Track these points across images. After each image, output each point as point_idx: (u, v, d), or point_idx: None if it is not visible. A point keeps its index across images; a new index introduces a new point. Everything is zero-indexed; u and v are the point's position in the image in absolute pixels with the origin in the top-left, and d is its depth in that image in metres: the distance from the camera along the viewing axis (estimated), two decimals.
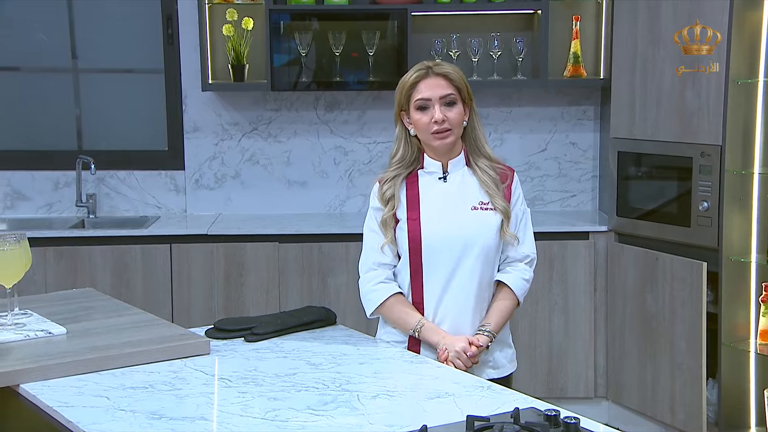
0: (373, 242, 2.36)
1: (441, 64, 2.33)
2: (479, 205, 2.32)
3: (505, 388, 2.01)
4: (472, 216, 2.31)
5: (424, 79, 2.29)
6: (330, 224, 4.07)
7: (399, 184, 2.34)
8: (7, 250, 2.23)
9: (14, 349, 2.12)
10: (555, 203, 4.44)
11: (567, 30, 4.21)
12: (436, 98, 2.28)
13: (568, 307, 3.97)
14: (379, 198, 2.36)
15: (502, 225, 2.32)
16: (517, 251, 2.38)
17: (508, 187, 2.37)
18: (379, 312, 2.36)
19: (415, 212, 2.32)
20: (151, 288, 3.87)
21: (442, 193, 2.33)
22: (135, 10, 4.33)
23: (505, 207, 2.33)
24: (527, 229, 2.41)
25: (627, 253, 3.84)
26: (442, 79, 2.29)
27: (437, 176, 2.35)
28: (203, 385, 1.99)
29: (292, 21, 4.05)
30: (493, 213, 2.32)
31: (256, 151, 4.34)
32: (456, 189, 2.34)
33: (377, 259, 2.36)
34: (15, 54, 4.35)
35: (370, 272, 2.37)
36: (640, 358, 3.80)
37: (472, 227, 2.30)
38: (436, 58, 4.10)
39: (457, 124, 2.30)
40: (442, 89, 2.28)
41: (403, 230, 2.32)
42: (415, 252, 2.30)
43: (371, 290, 2.35)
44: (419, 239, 2.29)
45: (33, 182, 4.30)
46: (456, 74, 2.29)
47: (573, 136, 4.40)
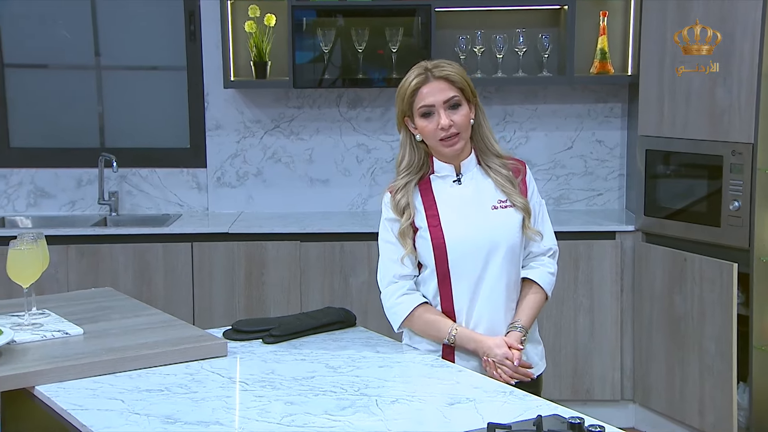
0: (391, 254, 2.29)
1: (440, 65, 2.23)
2: (498, 204, 2.27)
3: (528, 393, 1.96)
4: (494, 216, 2.25)
5: (425, 83, 2.20)
6: (352, 223, 4.03)
7: (412, 191, 2.27)
8: (24, 249, 2.21)
9: (31, 349, 2.10)
10: (581, 202, 4.37)
11: (594, 26, 4.13)
12: (440, 103, 2.20)
13: (593, 308, 3.90)
14: (393, 208, 2.27)
15: (524, 222, 2.27)
16: (539, 245, 2.33)
17: (522, 182, 2.31)
18: (408, 324, 2.29)
19: (435, 218, 2.25)
20: (173, 286, 3.86)
21: (459, 196, 2.27)
22: (157, 7, 4.31)
23: (525, 204, 2.27)
24: (546, 222, 2.36)
25: (654, 254, 3.76)
26: (443, 82, 2.20)
27: (451, 179, 2.29)
28: (219, 389, 1.96)
29: (314, 17, 4.01)
30: (513, 210, 2.27)
31: (278, 148, 4.31)
32: (472, 190, 2.28)
33: (397, 272, 2.28)
34: (40, 51, 4.35)
35: (391, 285, 2.29)
36: (668, 360, 3.72)
37: (496, 227, 2.24)
38: (461, 56, 4.05)
39: (465, 126, 2.23)
40: (444, 93, 2.20)
41: (425, 238, 2.25)
42: (440, 259, 2.24)
43: (395, 303, 2.28)
44: (443, 245, 2.23)
45: (56, 180, 4.30)
46: (457, 74, 2.21)
47: (599, 134, 4.32)
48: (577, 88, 4.25)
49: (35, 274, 2.23)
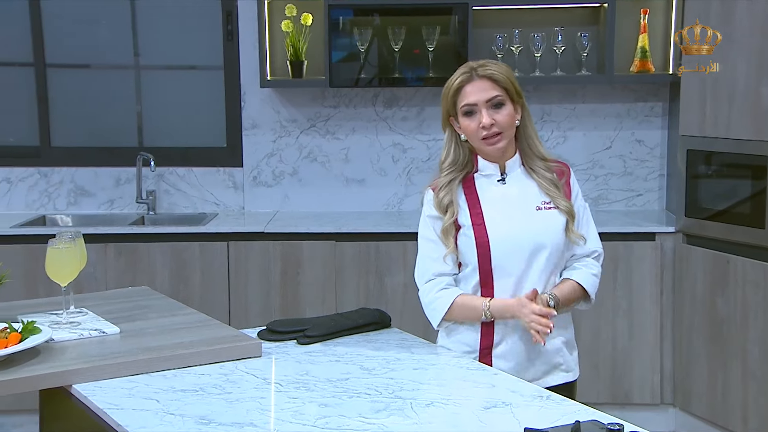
0: (431, 252, 2.27)
1: (486, 64, 2.22)
2: (542, 204, 2.24)
3: (565, 398, 1.92)
4: (539, 216, 2.23)
5: (469, 82, 2.20)
6: (387, 223, 4.01)
7: (456, 189, 2.26)
8: (62, 248, 2.22)
9: (68, 348, 2.12)
10: (620, 203, 4.30)
11: (634, 23, 4.07)
12: (483, 102, 2.19)
13: (632, 311, 3.84)
14: (436, 206, 2.26)
15: (568, 225, 2.24)
16: (583, 248, 2.30)
17: (566, 184, 2.28)
18: (449, 317, 2.25)
19: (479, 217, 2.23)
20: (209, 286, 3.87)
21: (503, 195, 2.25)
22: (195, 7, 4.34)
23: (569, 207, 2.24)
24: (590, 225, 2.33)
25: (696, 255, 3.69)
26: (486, 81, 2.19)
27: (495, 178, 2.27)
28: (254, 389, 1.95)
29: (351, 16, 4.00)
30: (557, 212, 2.24)
31: (314, 148, 4.31)
32: (517, 190, 2.25)
33: (436, 269, 2.27)
34: (80, 51, 4.40)
35: (430, 282, 2.27)
36: (710, 364, 3.65)
37: (540, 228, 2.22)
38: (498, 55, 4.01)
39: (508, 125, 2.21)
40: (487, 92, 2.18)
41: (468, 237, 2.23)
42: (483, 257, 2.21)
43: (435, 298, 2.26)
44: (487, 244, 2.20)
45: (96, 179, 4.35)
46: (501, 74, 2.19)
47: (639, 134, 4.26)
48: (617, 87, 4.19)
49: (73, 273, 2.25)
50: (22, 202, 4.33)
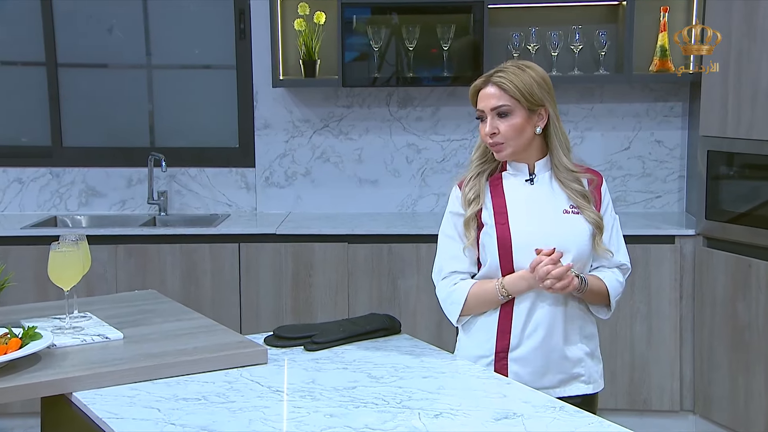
0: (450, 249, 2.23)
1: (503, 70, 2.17)
2: (571, 209, 2.18)
3: (580, 410, 1.85)
4: (565, 219, 2.17)
5: (483, 88, 2.19)
6: (401, 224, 3.95)
7: (483, 183, 2.21)
8: (64, 251, 2.18)
9: (70, 354, 2.07)
10: (638, 204, 4.22)
11: (654, 22, 3.98)
12: (488, 110, 2.17)
13: (651, 315, 3.76)
14: (462, 201, 2.22)
15: (595, 237, 2.17)
16: (610, 261, 2.24)
17: (597, 191, 2.21)
18: (467, 310, 2.20)
19: (503, 216, 2.17)
20: (220, 288, 3.83)
21: (530, 196, 2.19)
22: (208, 6, 4.30)
23: (597, 219, 2.18)
24: (620, 239, 2.27)
25: (716, 259, 3.61)
26: (495, 89, 2.15)
27: (523, 178, 2.21)
28: (258, 398, 1.90)
29: (364, 15, 3.94)
30: (584, 219, 2.18)
31: (327, 148, 4.26)
32: (545, 191, 2.20)
33: (453, 267, 2.23)
34: (92, 51, 4.37)
35: (446, 279, 2.24)
36: (732, 370, 3.56)
37: (566, 231, 2.15)
38: (514, 54, 3.94)
39: (511, 136, 2.15)
40: (493, 100, 2.15)
41: (491, 235, 2.18)
42: (505, 258, 2.16)
43: (451, 292, 2.22)
44: (510, 244, 2.15)
45: (107, 179, 4.32)
46: (511, 84, 2.13)
47: (659, 134, 4.17)
48: (636, 86, 4.11)
49: (76, 276, 2.20)
50: (34, 202, 4.31)
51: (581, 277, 2.13)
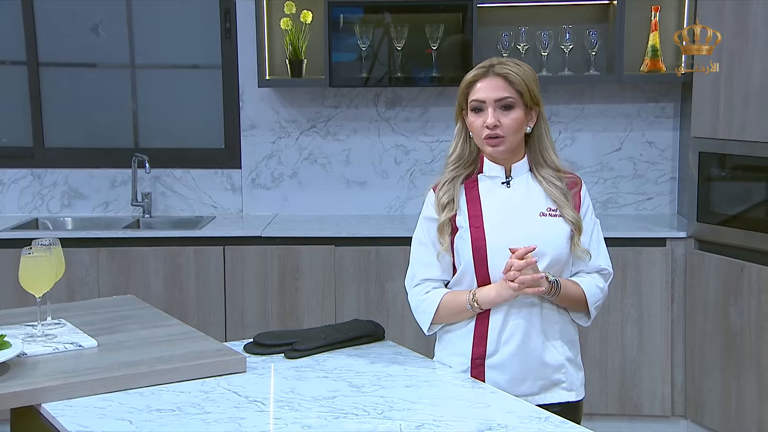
0: (423, 256, 2.18)
1: (506, 63, 2.10)
2: (547, 211, 2.11)
3: (565, 420, 1.80)
4: (541, 223, 2.10)
5: (483, 78, 2.09)
6: (389, 227, 3.89)
7: (458, 187, 2.15)
8: (36, 257, 2.11)
9: (41, 363, 2.01)
10: (629, 206, 4.16)
11: (645, 21, 3.93)
12: (491, 101, 2.08)
13: (642, 319, 3.70)
14: (434, 206, 2.16)
15: (573, 237, 2.10)
16: (589, 265, 2.17)
17: (577, 194, 2.15)
18: (437, 319, 2.14)
19: (478, 219, 2.11)
20: (204, 291, 3.76)
21: (506, 199, 2.13)
22: (192, 5, 4.23)
23: (576, 218, 2.11)
24: (600, 242, 2.20)
25: (708, 262, 3.56)
26: (500, 80, 2.07)
27: (499, 181, 2.15)
28: (234, 409, 1.84)
29: (351, 14, 3.88)
30: (562, 221, 2.11)
31: (314, 149, 4.19)
32: (521, 194, 2.13)
33: (425, 275, 2.18)
34: (74, 50, 4.29)
35: (418, 286, 2.19)
36: (724, 375, 3.51)
37: (542, 234, 2.08)
38: (504, 53, 3.88)
39: (513, 130, 2.09)
40: (498, 91, 2.07)
41: (465, 240, 2.11)
42: (480, 263, 2.09)
43: (422, 300, 2.16)
44: (484, 248, 2.09)
45: (90, 180, 4.24)
46: (518, 76, 2.07)
47: (650, 135, 4.12)
48: (627, 87, 4.05)
49: (48, 283, 2.13)
50: (15, 204, 4.23)
51: (554, 280, 2.07)
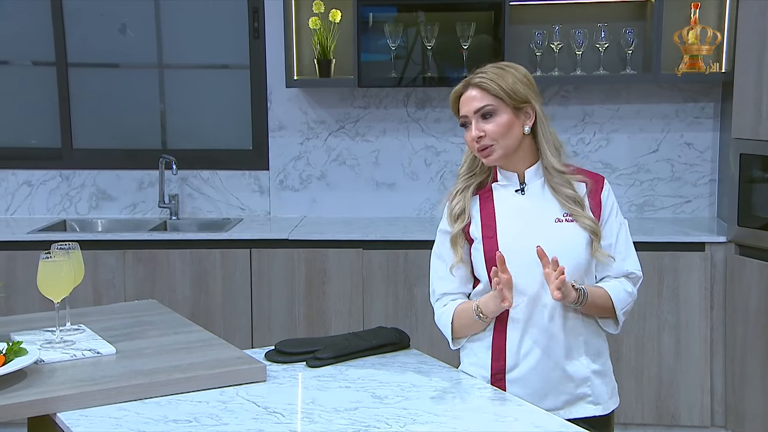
0: (439, 270, 2.13)
1: (482, 71, 2.04)
2: (564, 217, 2.03)
3: None
4: (558, 229, 2.02)
5: (463, 93, 2.06)
6: (419, 229, 3.81)
7: (469, 196, 2.09)
8: (54, 261, 2.07)
9: (58, 370, 1.96)
10: (667, 209, 4.04)
11: (684, 18, 3.80)
12: (471, 113, 2.04)
13: (680, 326, 3.58)
14: (448, 217, 2.11)
15: (592, 244, 2.02)
16: (616, 269, 2.07)
17: (596, 197, 2.05)
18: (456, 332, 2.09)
19: (491, 229, 2.04)
20: (231, 294, 3.71)
21: (520, 206, 2.06)
22: (221, 5, 4.18)
23: (593, 225, 2.02)
24: (628, 245, 2.10)
25: (749, 267, 3.43)
26: (476, 91, 2.03)
27: (513, 188, 2.08)
28: (252, 420, 1.77)
29: (381, 13, 3.81)
30: (579, 227, 2.03)
31: (342, 150, 4.13)
32: (536, 201, 2.05)
33: (443, 289, 2.13)
34: (103, 51, 4.27)
35: (438, 301, 2.15)
36: (765, 384, 3.38)
37: (559, 241, 2.00)
38: (537, 53, 3.78)
39: (499, 135, 2.01)
40: (476, 102, 2.03)
41: (479, 251, 2.06)
42: None
43: (440, 315, 2.13)
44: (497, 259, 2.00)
45: (118, 182, 4.22)
46: (492, 81, 2.00)
47: (688, 136, 3.99)
48: (664, 86, 3.93)
49: (67, 288, 2.09)
50: (44, 206, 4.22)
51: (580, 288, 1.98)
